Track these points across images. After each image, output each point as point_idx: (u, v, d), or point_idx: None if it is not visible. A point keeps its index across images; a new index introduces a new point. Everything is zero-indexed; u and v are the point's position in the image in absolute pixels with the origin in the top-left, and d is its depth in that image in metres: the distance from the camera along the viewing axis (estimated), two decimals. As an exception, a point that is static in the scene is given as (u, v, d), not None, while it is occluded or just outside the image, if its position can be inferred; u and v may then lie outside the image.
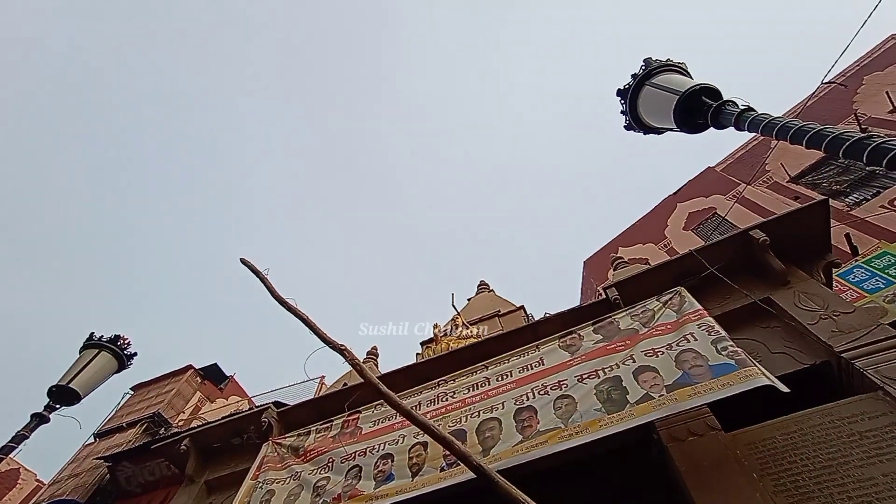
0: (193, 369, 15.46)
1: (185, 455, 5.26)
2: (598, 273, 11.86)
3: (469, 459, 1.47)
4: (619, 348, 3.39)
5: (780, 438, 2.88)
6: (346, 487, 3.37)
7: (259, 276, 2.73)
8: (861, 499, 2.43)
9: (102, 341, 3.67)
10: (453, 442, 1.54)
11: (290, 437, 4.36)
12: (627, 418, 2.80)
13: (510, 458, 2.85)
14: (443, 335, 5.18)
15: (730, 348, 2.96)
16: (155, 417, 13.20)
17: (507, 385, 3.53)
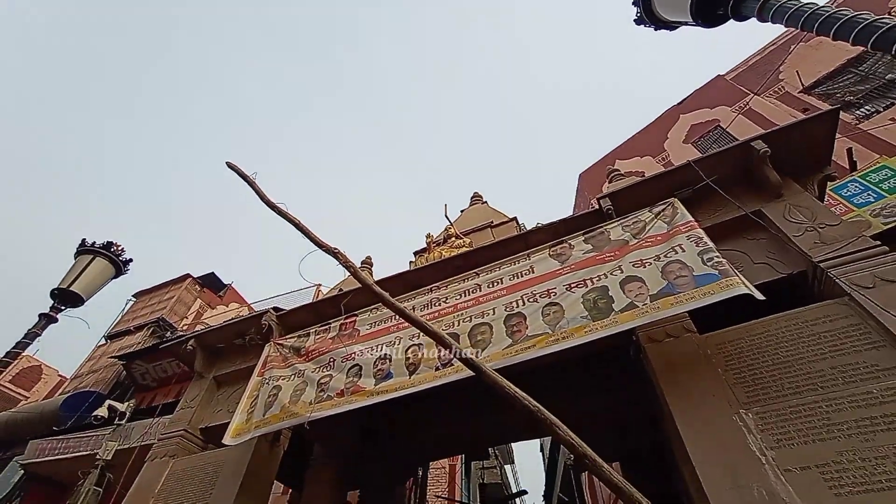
0: (192, 278, 15.89)
1: (192, 354, 5.60)
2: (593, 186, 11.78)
3: (459, 353, 1.56)
4: (608, 259, 3.48)
5: (747, 339, 3.11)
6: (348, 384, 3.66)
7: (247, 181, 2.66)
8: (808, 387, 2.71)
9: (95, 247, 3.68)
10: (444, 336, 1.62)
11: (291, 338, 4.62)
12: (611, 325, 2.98)
13: (500, 360, 3.07)
14: (435, 245, 5.26)
15: (715, 259, 3.06)
16: (160, 322, 13.86)
17: (498, 292, 3.68)
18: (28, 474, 10.45)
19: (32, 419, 11.04)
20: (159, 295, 15.38)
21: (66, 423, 10.12)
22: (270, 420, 3.72)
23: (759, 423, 2.70)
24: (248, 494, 4.03)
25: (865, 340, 2.75)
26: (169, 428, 5.16)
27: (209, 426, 5.05)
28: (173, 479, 4.59)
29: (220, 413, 5.07)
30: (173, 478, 4.60)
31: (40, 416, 10.95)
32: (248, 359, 5.15)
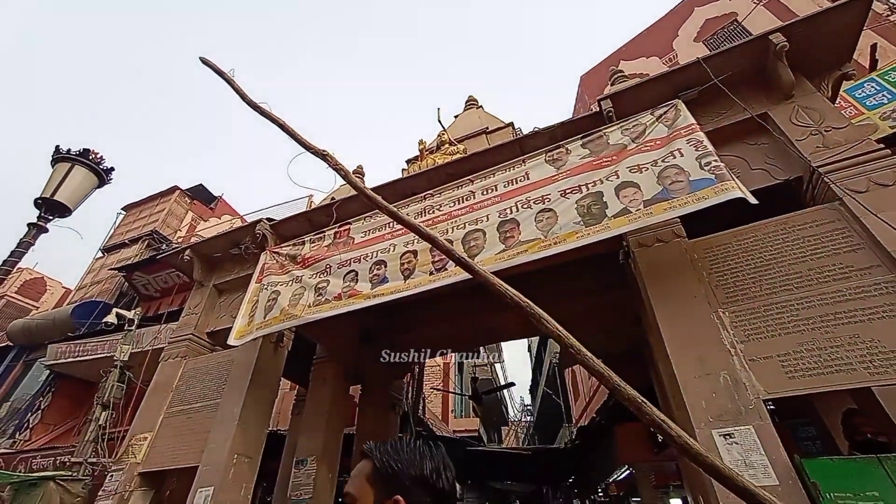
0: (180, 190, 15.55)
1: (190, 264, 5.70)
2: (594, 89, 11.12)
3: (452, 252, 1.58)
4: (605, 164, 3.41)
5: (734, 244, 3.19)
6: (345, 288, 3.78)
7: (224, 78, 2.45)
8: (784, 287, 2.85)
9: (72, 154, 3.50)
10: (437, 238, 1.63)
11: (286, 246, 4.67)
12: (603, 230, 3.01)
13: (493, 265, 3.14)
14: (428, 152, 5.08)
15: (713, 163, 3.01)
16: (154, 235, 13.87)
17: (492, 199, 3.64)
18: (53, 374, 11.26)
19: (47, 326, 11.57)
20: (149, 208, 15.18)
21: (80, 329, 10.63)
22: (271, 322, 3.91)
23: (733, 320, 2.88)
24: (257, 389, 4.39)
25: (846, 244, 2.84)
26: (177, 332, 5.44)
27: (215, 330, 5.32)
28: (187, 376, 4.96)
29: (224, 318, 5.31)
30: (187, 376, 4.97)
31: (54, 323, 11.46)
32: (246, 267, 5.25)
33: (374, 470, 0.82)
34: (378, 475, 0.81)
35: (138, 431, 4.71)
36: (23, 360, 12.43)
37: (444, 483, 0.82)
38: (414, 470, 0.80)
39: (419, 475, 0.80)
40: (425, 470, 0.81)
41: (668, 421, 1.36)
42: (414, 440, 0.86)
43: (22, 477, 8.72)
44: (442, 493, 0.81)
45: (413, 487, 0.79)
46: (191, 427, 4.50)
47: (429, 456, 0.84)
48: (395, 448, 0.84)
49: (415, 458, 0.82)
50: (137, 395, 6.23)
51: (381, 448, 0.84)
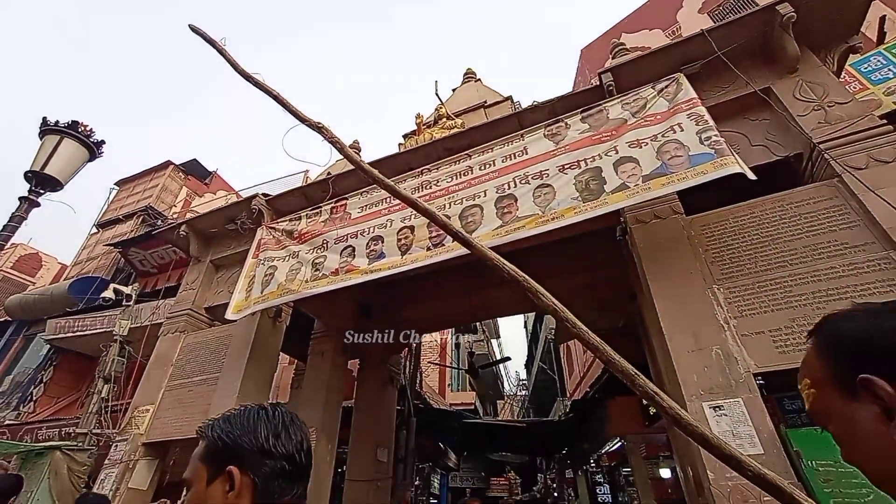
0: (173, 165, 15.32)
1: (186, 240, 5.67)
2: (595, 63, 10.87)
3: (449, 227, 1.57)
4: (605, 139, 3.37)
5: (731, 221, 3.19)
6: (342, 264, 3.78)
7: (215, 47, 2.37)
8: (779, 264, 2.88)
9: (60, 126, 3.42)
10: (434, 213, 1.62)
11: (283, 222, 4.64)
12: (600, 206, 3.00)
13: (490, 241, 3.13)
14: (426, 126, 4.99)
15: (713, 138, 2.98)
16: (148, 210, 13.75)
17: (490, 174, 3.61)
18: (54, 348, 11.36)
19: (45, 301, 11.59)
20: (143, 183, 14.98)
21: (78, 304, 10.66)
22: (268, 297, 3.92)
23: (728, 296, 2.92)
24: (256, 363, 4.45)
25: (842, 221, 2.84)
26: (175, 308, 5.47)
27: (212, 305, 5.35)
28: (186, 351, 5.02)
29: (222, 294, 5.33)
30: (186, 350, 5.02)
31: (51, 299, 11.47)
32: (242, 243, 5.24)
33: (205, 448, 0.77)
34: (209, 452, 0.76)
35: (140, 404, 4.79)
36: (22, 335, 12.51)
37: (283, 446, 0.77)
38: (248, 438, 0.75)
39: (254, 442, 0.75)
40: (260, 436, 0.76)
41: (661, 393, 1.38)
42: (252, 407, 0.81)
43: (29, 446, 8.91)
44: (286, 457, 0.76)
45: (250, 456, 0.74)
46: (192, 399, 4.58)
47: (265, 421, 0.78)
48: (228, 420, 0.79)
49: (248, 425, 0.77)
50: (138, 369, 6.30)
51: (214, 423, 0.79)
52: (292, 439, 0.79)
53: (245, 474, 0.72)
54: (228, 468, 0.72)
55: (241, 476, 0.72)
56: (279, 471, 0.75)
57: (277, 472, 0.74)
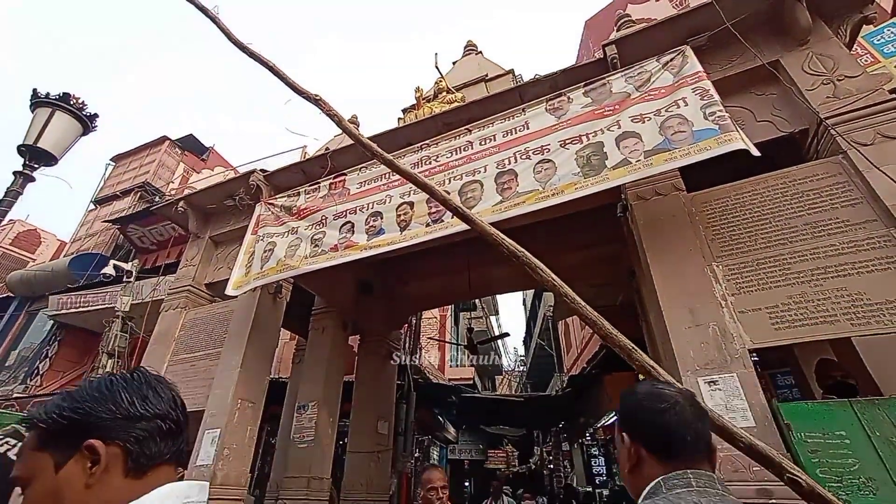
0: (169, 140, 15.12)
1: (185, 216, 5.64)
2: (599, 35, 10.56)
3: (448, 202, 1.56)
4: (607, 113, 3.30)
5: (733, 198, 3.16)
6: (341, 240, 3.77)
7: (208, 16, 2.29)
8: (779, 241, 2.87)
9: (51, 99, 3.35)
10: (433, 187, 1.60)
11: (281, 197, 4.61)
12: (601, 181, 2.96)
13: (489, 217, 3.11)
14: (425, 100, 4.89)
15: (718, 113, 2.92)
16: (146, 187, 13.64)
17: (490, 149, 3.56)
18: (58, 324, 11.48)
19: (46, 277, 11.64)
20: (139, 159, 14.81)
21: (79, 281, 10.71)
22: (268, 273, 3.93)
23: (726, 273, 2.92)
24: (258, 339, 4.50)
25: (845, 198, 2.82)
26: (175, 284, 5.49)
27: (213, 282, 5.37)
28: (188, 326, 5.06)
29: (221, 270, 5.34)
30: (188, 326, 5.07)
31: (52, 275, 11.52)
32: (241, 219, 5.21)
33: (39, 436, 0.68)
34: (48, 436, 0.67)
35: (144, 378, 4.86)
36: (25, 311, 12.61)
37: (154, 406, 0.71)
38: (106, 407, 0.69)
39: (116, 409, 0.69)
40: (122, 402, 0.70)
41: (657, 367, 1.40)
42: (100, 378, 0.75)
43: (36, 419, 9.12)
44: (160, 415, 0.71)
45: (113, 424, 0.68)
46: (195, 374, 4.65)
47: (124, 386, 0.72)
48: (70, 395, 0.71)
49: (104, 394, 0.70)
50: (141, 345, 6.38)
51: (47, 405, 0.70)
52: (162, 397, 0.74)
53: (112, 444, 0.66)
54: (87, 443, 0.64)
55: (106, 447, 0.65)
56: (156, 430, 0.70)
57: (154, 432, 0.70)
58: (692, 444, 0.84)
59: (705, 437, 0.87)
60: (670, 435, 0.85)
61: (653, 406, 0.88)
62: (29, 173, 3.29)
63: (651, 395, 0.91)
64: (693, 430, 0.85)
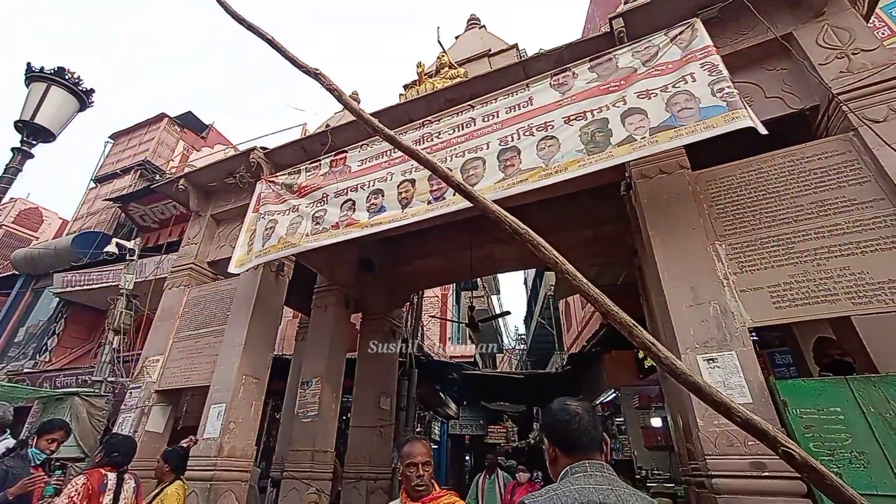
0: (168, 118, 14.94)
1: (185, 194, 5.62)
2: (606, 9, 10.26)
3: (450, 178, 1.54)
4: (613, 89, 3.23)
5: (738, 176, 3.12)
6: (342, 217, 3.76)
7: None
8: (783, 220, 2.85)
9: (46, 73, 3.29)
10: (435, 164, 1.58)
11: (282, 175, 4.57)
12: (606, 158, 2.92)
13: (491, 194, 3.08)
14: (427, 76, 4.79)
15: (726, 90, 2.85)
16: (146, 165, 13.55)
17: (493, 126, 3.49)
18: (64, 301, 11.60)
19: (49, 255, 11.70)
20: (138, 136, 14.67)
21: (82, 259, 10.77)
22: (270, 250, 3.94)
23: (729, 252, 2.91)
24: (261, 316, 4.54)
25: (853, 177, 2.78)
26: (178, 262, 5.51)
27: (215, 260, 5.39)
28: (192, 304, 5.11)
29: (224, 248, 5.35)
30: (192, 303, 5.12)
31: (55, 253, 11.58)
32: (242, 197, 5.19)
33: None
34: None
35: (150, 354, 4.94)
36: (31, 288, 12.73)
37: None
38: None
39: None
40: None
41: (657, 343, 1.41)
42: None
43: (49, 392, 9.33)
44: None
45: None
46: (199, 350, 4.72)
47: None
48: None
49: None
50: (146, 322, 6.46)
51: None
52: None
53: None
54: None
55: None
56: None
57: None
58: (588, 444, 1.19)
59: (598, 438, 1.22)
60: (572, 439, 1.21)
61: (561, 419, 1.25)
62: (27, 150, 3.26)
63: (560, 411, 1.27)
64: (588, 435, 1.20)
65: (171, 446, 3.60)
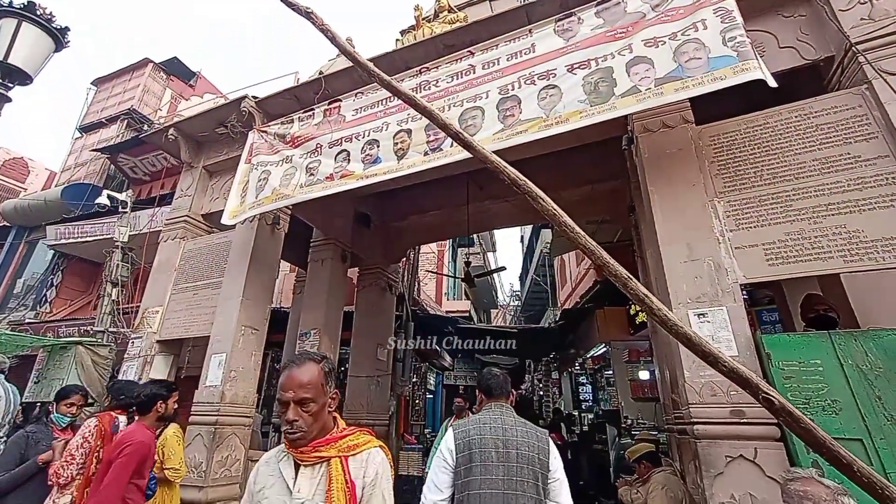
0: (153, 63, 14.23)
1: (176, 144, 5.45)
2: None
3: (449, 127, 1.49)
4: (619, 36, 3.07)
5: (743, 132, 3.04)
6: (336, 168, 3.67)
7: None
8: (785, 177, 2.81)
9: (14, 7, 3.07)
10: (433, 111, 1.52)
11: (275, 125, 4.42)
12: (609, 110, 2.82)
13: (490, 145, 2.99)
14: (425, 20, 4.52)
15: (738, 39, 2.71)
16: (133, 114, 13.06)
17: (493, 73, 3.34)
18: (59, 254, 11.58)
19: (40, 207, 11.53)
20: (122, 83, 14.03)
21: (74, 211, 10.62)
22: (263, 202, 3.88)
23: (727, 209, 2.89)
24: (257, 269, 4.56)
25: (861, 132, 2.71)
26: (172, 214, 5.44)
27: (209, 212, 5.32)
28: (188, 257, 5.10)
29: (218, 201, 5.27)
30: (188, 256, 5.11)
31: (46, 205, 11.40)
32: (235, 148, 5.05)
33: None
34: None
35: (149, 305, 5.00)
36: (24, 240, 12.66)
37: None
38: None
39: None
40: None
41: (650, 295, 1.43)
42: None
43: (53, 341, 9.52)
44: None
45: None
46: (198, 302, 4.77)
47: None
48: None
49: None
50: (143, 275, 6.48)
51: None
52: None
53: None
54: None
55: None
56: None
57: None
58: (497, 392, 2.07)
59: (507, 390, 2.09)
60: (489, 388, 2.09)
61: (487, 376, 2.15)
62: (4, 93, 3.11)
63: (487, 372, 2.17)
64: (499, 386, 2.08)
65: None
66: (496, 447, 1.83)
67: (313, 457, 1.29)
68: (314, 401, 1.30)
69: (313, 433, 1.30)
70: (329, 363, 1.43)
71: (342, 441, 1.34)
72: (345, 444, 1.33)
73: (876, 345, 2.29)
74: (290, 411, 1.28)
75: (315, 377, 1.33)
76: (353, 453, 1.32)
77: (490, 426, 1.90)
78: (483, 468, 1.80)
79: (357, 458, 1.32)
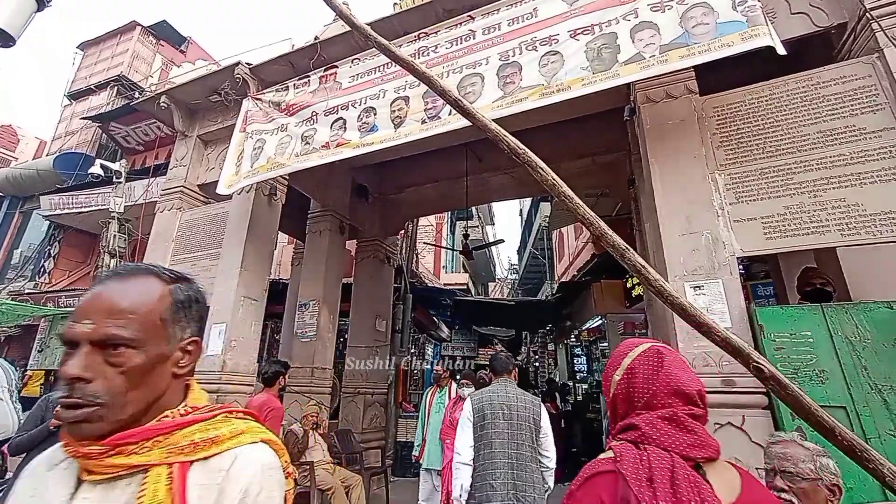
0: (141, 27, 13.72)
1: (169, 112, 5.33)
2: None
3: (447, 94, 1.45)
4: (625, 0, 2.96)
5: (748, 102, 2.98)
6: (332, 137, 3.61)
7: None
8: (788, 150, 2.77)
9: (-6, -37, 2.93)
10: (432, 77, 1.47)
11: (269, 92, 4.31)
12: (611, 77, 2.75)
13: (490, 113, 2.93)
14: (423, -18, 4.33)
15: (749, 2, 2.61)
16: (122, 81, 12.69)
17: (494, 39, 3.23)
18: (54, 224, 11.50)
19: (32, 176, 11.37)
20: (110, 48, 13.56)
21: (67, 181, 10.48)
22: (258, 170, 3.83)
23: (728, 182, 2.87)
24: (255, 240, 4.54)
25: (868, 104, 2.66)
26: (167, 185, 5.37)
27: (205, 182, 5.26)
28: (185, 227, 5.07)
29: (213, 171, 5.19)
30: (185, 227, 5.08)
31: (38, 174, 11.24)
32: (229, 117, 4.94)
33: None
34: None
35: (148, 275, 5.00)
36: (18, 210, 12.55)
37: None
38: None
39: None
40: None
41: (647, 266, 1.43)
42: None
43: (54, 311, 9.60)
44: None
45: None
46: (197, 273, 4.76)
47: None
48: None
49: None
50: (140, 245, 6.47)
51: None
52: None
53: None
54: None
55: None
56: None
57: None
58: (502, 369, 2.92)
59: (509, 366, 2.95)
60: (497, 367, 2.95)
61: (494, 359, 3.02)
62: (-12, 55, 3.00)
63: (496, 355, 3.04)
64: (503, 365, 2.93)
65: None
66: (502, 410, 2.65)
67: (113, 464, 0.64)
68: (136, 345, 0.67)
69: (123, 412, 0.65)
70: (190, 288, 0.82)
71: (183, 431, 0.68)
72: (186, 440, 0.68)
73: (866, 317, 2.33)
74: (76, 360, 0.64)
75: (148, 302, 0.71)
76: (201, 456, 0.67)
77: (498, 394, 2.72)
78: (493, 425, 2.61)
79: (210, 464, 0.67)
